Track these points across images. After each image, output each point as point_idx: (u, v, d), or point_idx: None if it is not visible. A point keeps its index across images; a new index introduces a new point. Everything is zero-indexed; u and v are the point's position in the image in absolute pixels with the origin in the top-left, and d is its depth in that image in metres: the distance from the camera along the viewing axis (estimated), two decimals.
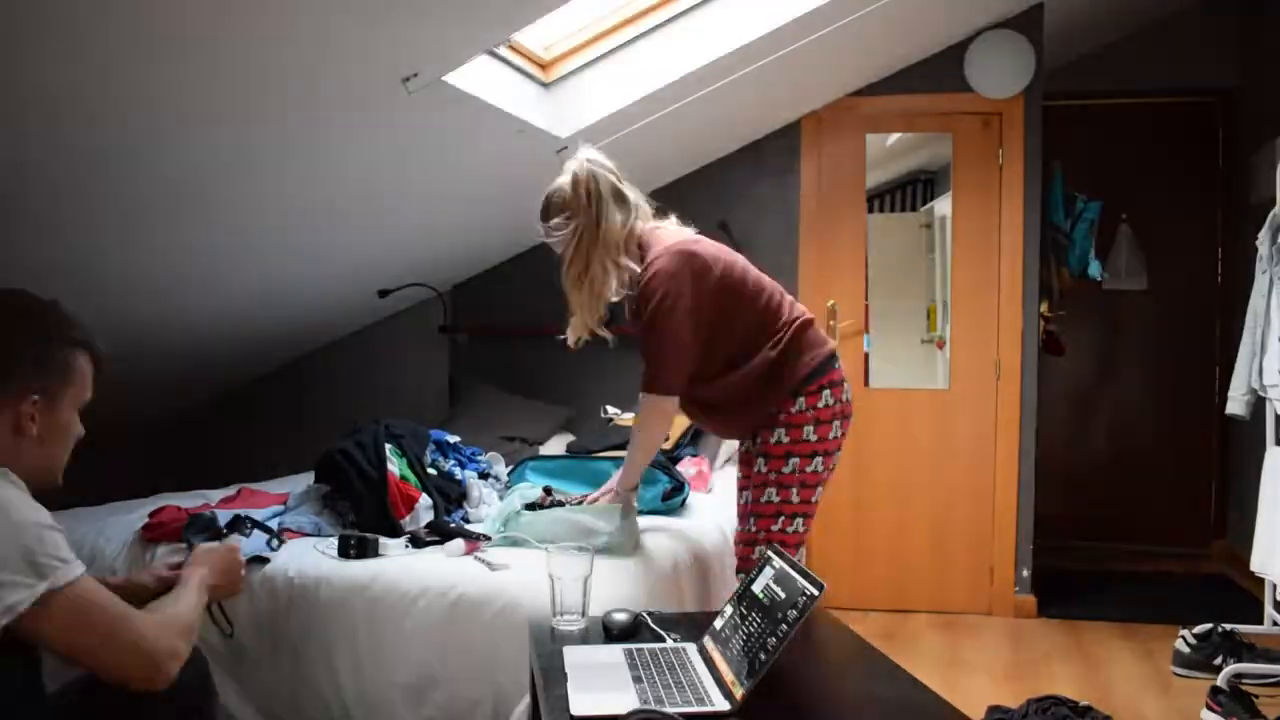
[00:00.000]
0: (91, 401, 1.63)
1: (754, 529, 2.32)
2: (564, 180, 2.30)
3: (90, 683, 1.52)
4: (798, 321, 2.32)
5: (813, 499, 2.30)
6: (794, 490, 2.27)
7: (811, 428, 2.26)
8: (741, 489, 2.42)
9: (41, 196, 2.34)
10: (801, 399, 2.26)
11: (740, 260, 2.36)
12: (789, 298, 2.39)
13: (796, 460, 2.26)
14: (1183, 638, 3.28)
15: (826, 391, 2.28)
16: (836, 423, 2.29)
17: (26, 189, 2.29)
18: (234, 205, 2.77)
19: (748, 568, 2.33)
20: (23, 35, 1.74)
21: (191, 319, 3.42)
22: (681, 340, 2.21)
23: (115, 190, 2.44)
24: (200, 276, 3.14)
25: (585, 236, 2.26)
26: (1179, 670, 3.23)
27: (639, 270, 2.25)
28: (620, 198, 2.30)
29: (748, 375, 2.27)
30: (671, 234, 2.33)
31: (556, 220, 2.29)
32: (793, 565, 1.51)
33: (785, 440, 2.27)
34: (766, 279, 2.37)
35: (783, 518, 2.28)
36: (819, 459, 2.27)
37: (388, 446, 2.60)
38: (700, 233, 2.41)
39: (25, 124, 2.03)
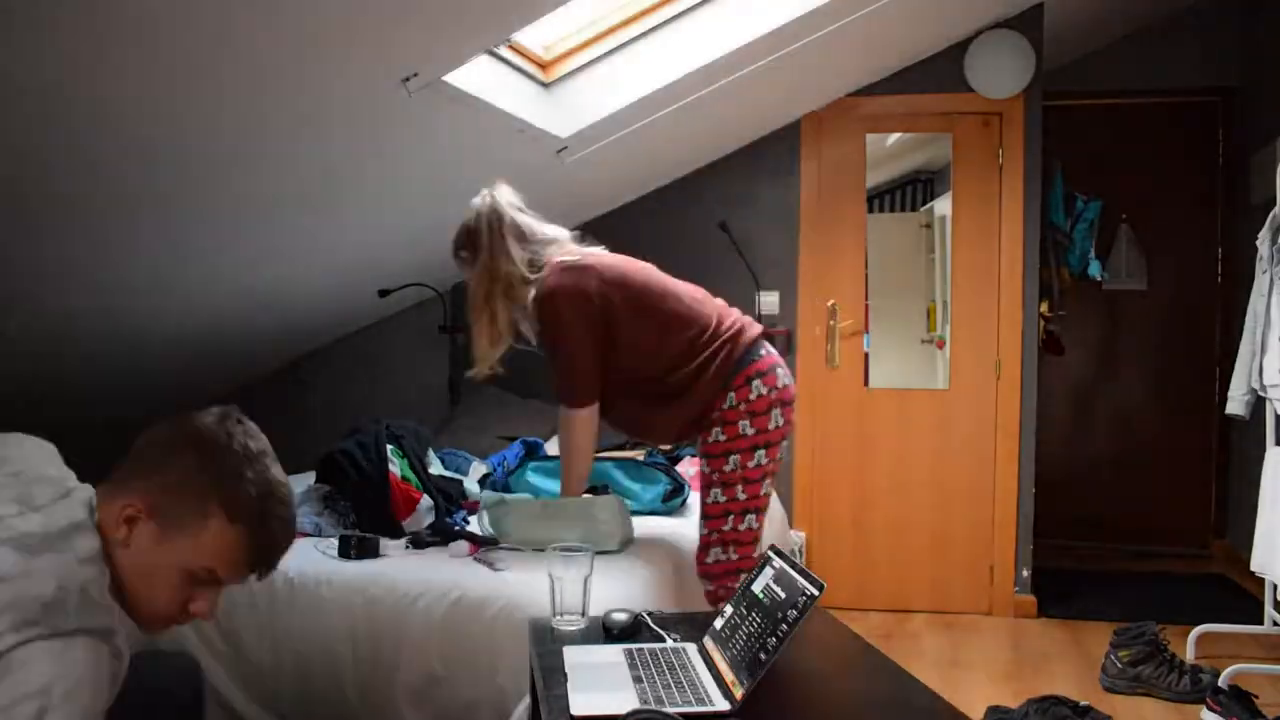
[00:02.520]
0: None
1: (705, 531, 2.32)
2: (468, 216, 2.36)
3: None
4: (714, 317, 2.32)
5: (760, 493, 2.28)
6: (739, 488, 2.26)
7: (747, 421, 2.24)
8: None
9: (41, 197, 2.34)
10: (731, 394, 2.25)
11: (643, 271, 2.37)
12: (714, 305, 2.39)
13: (737, 457, 2.25)
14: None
15: (756, 381, 2.26)
16: (775, 411, 2.26)
17: (26, 189, 2.29)
18: (234, 205, 2.77)
19: (706, 572, 2.33)
20: (22, 34, 1.74)
21: (191, 319, 3.42)
22: (584, 352, 2.25)
23: (115, 190, 2.44)
24: (200, 276, 3.14)
25: (483, 274, 2.31)
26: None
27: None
28: (520, 236, 2.32)
29: (668, 378, 2.28)
30: (568, 253, 2.34)
31: (462, 254, 2.36)
32: (793, 565, 1.51)
33: (723, 439, 2.26)
34: (683, 287, 2.38)
35: (731, 516, 2.28)
36: (760, 452, 2.25)
37: (389, 447, 2.60)
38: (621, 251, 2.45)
39: (25, 124, 2.03)
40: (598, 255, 2.36)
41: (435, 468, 3.06)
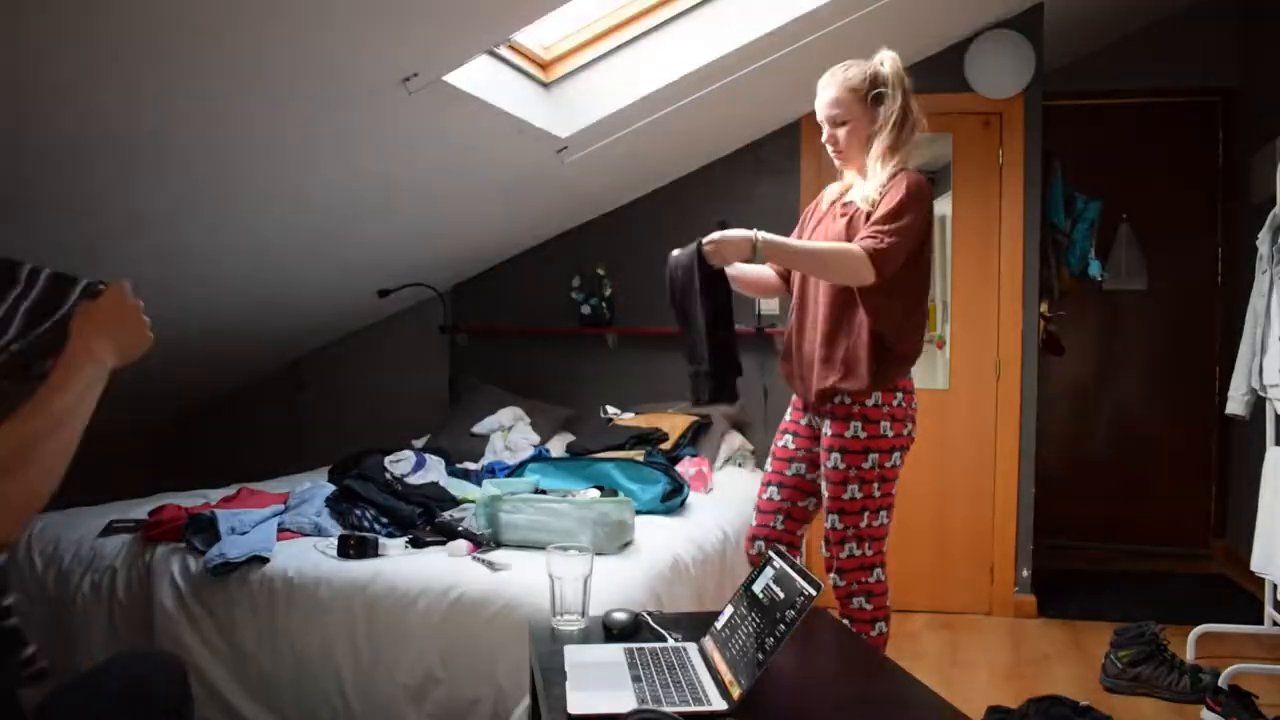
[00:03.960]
0: None
1: (841, 526, 2.30)
2: (881, 65, 2.31)
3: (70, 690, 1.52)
4: (924, 317, 2.37)
5: (893, 491, 2.31)
6: (875, 485, 2.28)
7: (888, 424, 2.27)
8: (768, 483, 2.43)
9: (41, 197, 2.35)
10: (878, 393, 2.27)
11: None
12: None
13: (876, 455, 2.27)
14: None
15: (900, 394, 2.29)
16: (910, 425, 2.32)
17: (26, 189, 2.29)
18: (234, 205, 2.78)
19: (840, 566, 2.31)
20: (23, 34, 1.74)
21: (192, 319, 3.42)
22: (910, 241, 2.19)
23: (115, 190, 2.44)
24: (200, 276, 3.14)
25: (897, 120, 2.27)
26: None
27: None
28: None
29: (868, 327, 2.25)
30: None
31: (874, 91, 2.27)
32: (792, 565, 1.52)
33: (863, 435, 2.27)
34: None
35: (867, 512, 2.29)
36: (897, 454, 2.29)
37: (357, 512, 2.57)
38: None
39: (25, 124, 2.03)
40: None
41: (432, 474, 3.05)
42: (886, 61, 2.30)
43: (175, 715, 1.63)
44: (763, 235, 2.17)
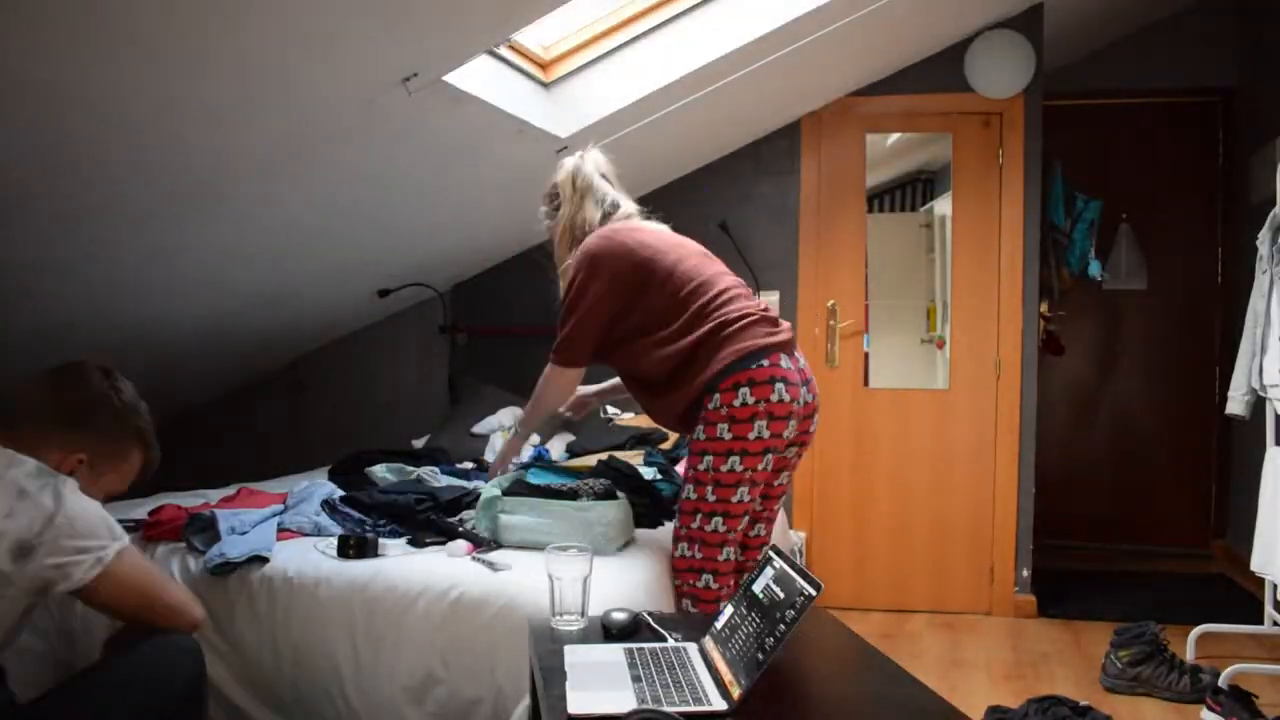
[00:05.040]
0: None
1: (676, 524, 2.34)
2: (558, 173, 2.50)
3: (85, 675, 1.57)
4: (728, 318, 2.27)
5: (732, 499, 2.26)
6: (709, 488, 2.26)
7: (726, 425, 2.22)
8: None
9: (41, 196, 2.35)
10: (716, 395, 2.23)
11: (681, 254, 2.37)
12: (737, 294, 2.34)
13: (710, 458, 2.25)
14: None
15: (745, 389, 2.21)
16: (760, 422, 2.22)
17: (27, 189, 2.29)
18: (234, 205, 2.78)
19: (673, 565, 2.34)
20: (23, 33, 1.74)
21: (191, 319, 3.42)
22: (597, 315, 2.31)
23: (115, 190, 2.44)
24: (200, 276, 3.14)
25: (565, 227, 2.45)
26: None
27: None
28: (598, 197, 2.45)
29: (656, 363, 2.30)
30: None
31: (543, 208, 2.54)
32: (792, 565, 1.52)
33: (702, 437, 2.26)
34: (715, 274, 2.37)
35: (699, 515, 2.28)
36: (734, 458, 2.23)
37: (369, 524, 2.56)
38: (678, 230, 2.52)
39: (25, 124, 2.03)
40: (639, 230, 2.42)
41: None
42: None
43: (193, 703, 1.68)
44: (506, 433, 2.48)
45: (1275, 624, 3.30)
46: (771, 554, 1.60)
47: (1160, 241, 5.07)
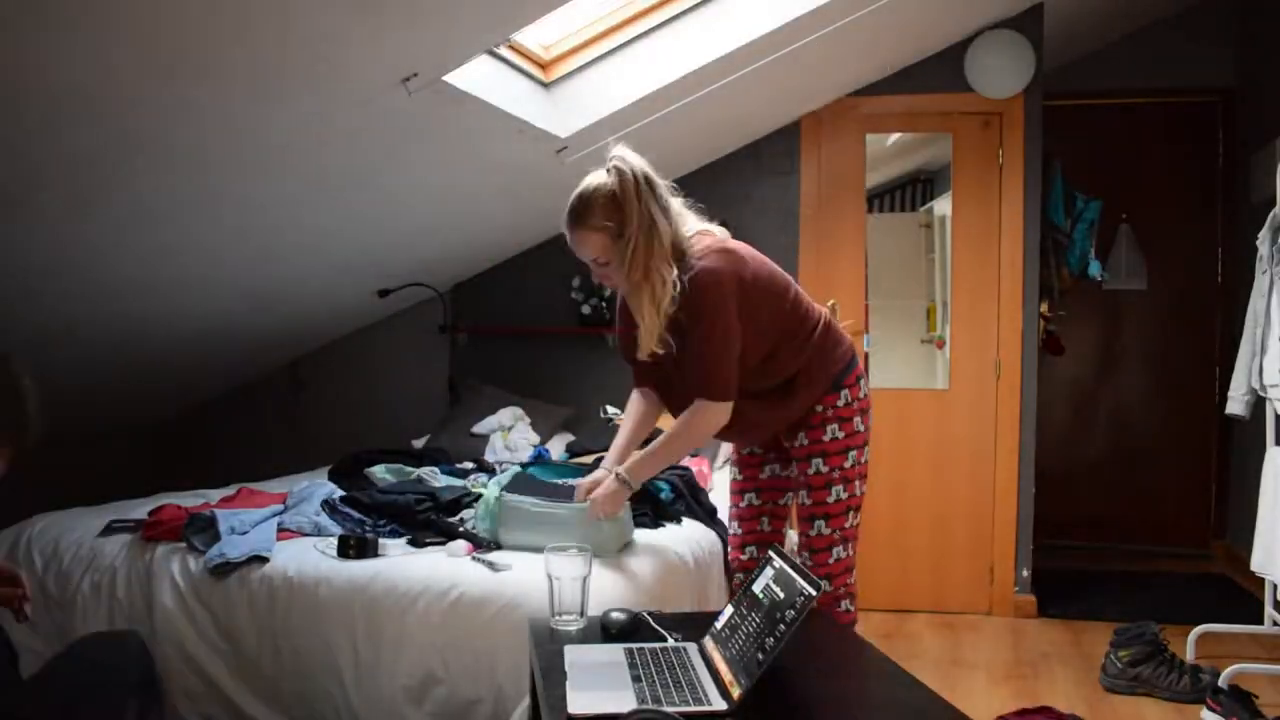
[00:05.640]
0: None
1: (829, 531, 2.27)
2: (607, 179, 2.11)
3: (52, 672, 1.55)
4: (822, 317, 2.34)
5: (862, 490, 2.31)
6: (856, 483, 2.28)
7: (859, 419, 2.26)
8: (742, 490, 2.42)
9: (41, 196, 2.35)
10: (845, 391, 2.25)
11: (762, 256, 2.35)
12: (804, 293, 2.39)
13: (854, 453, 2.26)
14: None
15: (862, 382, 2.30)
16: (870, 412, 2.31)
17: (27, 188, 2.29)
18: (234, 205, 2.78)
19: (829, 571, 2.27)
20: (23, 33, 1.74)
21: (191, 319, 3.43)
22: (735, 343, 2.10)
23: (115, 190, 2.44)
24: (200, 276, 3.14)
25: (642, 243, 2.08)
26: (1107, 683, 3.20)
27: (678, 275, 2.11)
28: (663, 203, 2.19)
29: (787, 373, 2.23)
30: (704, 236, 2.27)
31: (600, 222, 2.08)
32: (792, 565, 1.52)
33: (840, 435, 2.25)
34: (786, 275, 2.36)
35: (851, 512, 2.28)
36: (868, 449, 2.29)
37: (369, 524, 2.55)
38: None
39: (25, 123, 2.03)
40: (734, 241, 2.30)
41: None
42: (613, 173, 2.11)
43: (145, 689, 1.65)
44: (624, 468, 2.19)
45: (1275, 624, 3.30)
46: (771, 554, 1.60)
47: (1160, 241, 5.07)
